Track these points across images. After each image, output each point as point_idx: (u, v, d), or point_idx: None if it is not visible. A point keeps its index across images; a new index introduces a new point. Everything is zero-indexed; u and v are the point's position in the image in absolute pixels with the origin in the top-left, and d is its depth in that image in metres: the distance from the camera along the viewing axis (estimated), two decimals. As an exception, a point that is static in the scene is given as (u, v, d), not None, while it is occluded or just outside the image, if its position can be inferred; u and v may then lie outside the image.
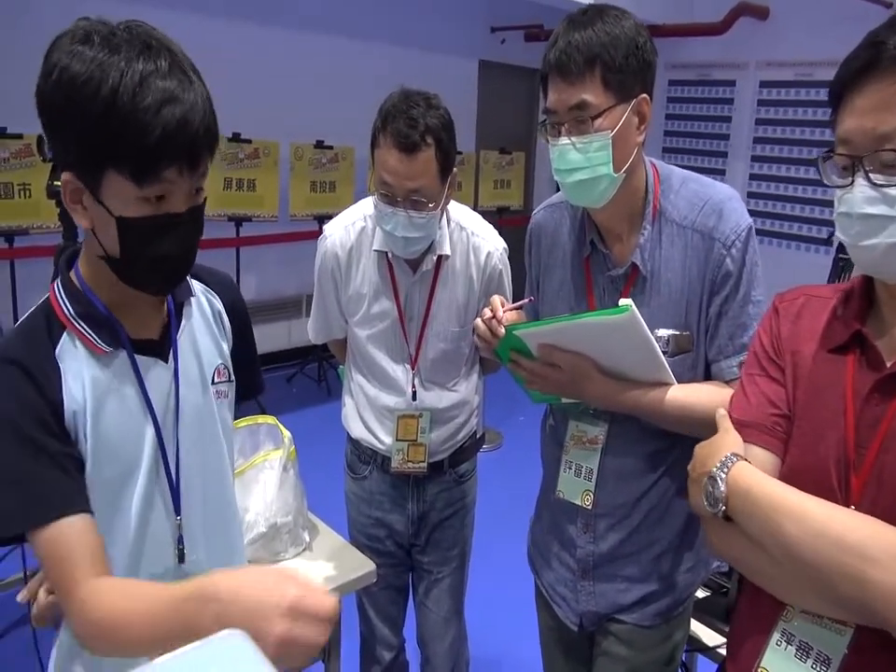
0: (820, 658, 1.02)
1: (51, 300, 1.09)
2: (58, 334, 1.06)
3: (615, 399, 1.43)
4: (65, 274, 1.11)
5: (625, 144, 1.35)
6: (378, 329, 1.93)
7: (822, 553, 0.94)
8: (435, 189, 1.74)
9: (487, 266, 1.93)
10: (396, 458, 1.97)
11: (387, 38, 5.99)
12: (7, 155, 4.10)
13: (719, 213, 1.40)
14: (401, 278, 1.89)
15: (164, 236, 1.02)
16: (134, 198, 0.98)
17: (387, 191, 1.73)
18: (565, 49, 1.30)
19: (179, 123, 0.94)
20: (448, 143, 1.74)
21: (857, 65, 0.97)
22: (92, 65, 0.92)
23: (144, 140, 0.93)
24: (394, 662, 2.22)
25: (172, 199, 1.00)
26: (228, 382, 1.25)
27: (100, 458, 1.07)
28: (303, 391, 5.69)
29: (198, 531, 1.18)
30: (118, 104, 0.92)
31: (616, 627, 1.58)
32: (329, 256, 1.94)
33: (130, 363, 1.10)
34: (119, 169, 0.96)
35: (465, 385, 2.02)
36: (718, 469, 1.05)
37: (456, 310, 1.92)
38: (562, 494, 1.56)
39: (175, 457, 1.14)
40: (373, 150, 1.77)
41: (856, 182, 0.98)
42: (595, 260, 1.50)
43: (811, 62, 6.31)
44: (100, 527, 1.06)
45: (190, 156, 0.98)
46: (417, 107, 1.70)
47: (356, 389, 2.03)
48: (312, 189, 5.55)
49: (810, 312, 1.15)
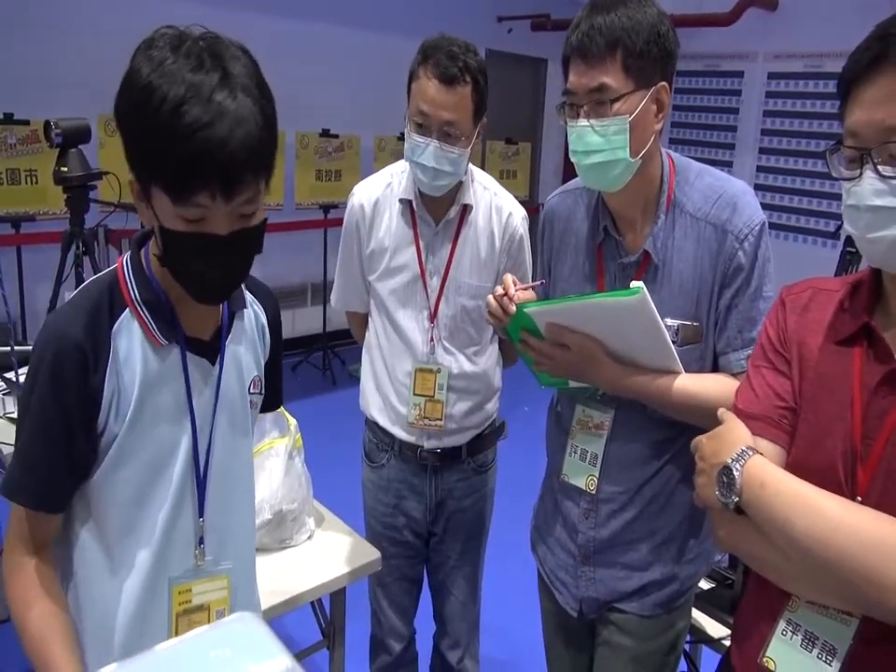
0: (826, 648, 1.02)
1: (119, 277, 1.10)
2: (119, 311, 1.07)
3: (622, 383, 1.43)
4: (136, 254, 1.12)
5: (643, 130, 1.36)
6: (398, 281, 1.95)
7: (835, 551, 0.94)
8: (467, 127, 1.80)
9: (509, 226, 1.95)
10: (413, 413, 1.96)
11: (394, 27, 5.96)
12: (14, 141, 4.11)
13: (733, 206, 1.40)
14: (423, 230, 1.92)
15: (202, 256, 1.01)
16: (173, 214, 0.98)
17: (423, 121, 1.78)
18: (587, 31, 1.31)
19: (212, 148, 0.91)
20: (483, 87, 1.80)
21: (866, 58, 0.97)
22: (153, 75, 0.92)
23: (175, 162, 0.92)
24: (404, 653, 2.23)
25: (211, 221, 0.98)
26: (259, 394, 1.27)
27: (135, 444, 1.08)
28: (308, 380, 5.69)
29: (216, 534, 1.20)
30: (160, 119, 0.91)
31: (617, 617, 1.59)
32: (354, 211, 1.98)
33: (181, 360, 1.12)
34: (157, 184, 0.96)
35: (484, 360, 2.01)
36: (734, 462, 1.05)
37: (478, 264, 1.94)
38: (566, 477, 1.57)
39: (205, 459, 1.16)
40: (410, 84, 1.81)
41: (864, 174, 0.98)
42: (608, 247, 1.50)
43: (820, 53, 6.28)
44: (127, 522, 1.11)
45: (225, 181, 0.94)
46: (458, 46, 1.77)
47: (375, 358, 2.03)
48: (317, 177, 5.55)
49: (817, 304, 1.15)
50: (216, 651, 0.44)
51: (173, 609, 1.16)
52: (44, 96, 4.16)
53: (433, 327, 1.94)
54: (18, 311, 4.15)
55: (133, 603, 1.13)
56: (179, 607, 1.16)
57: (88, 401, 1.04)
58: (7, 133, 4.08)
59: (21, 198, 4.19)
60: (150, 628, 1.15)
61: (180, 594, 1.16)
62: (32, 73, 4.19)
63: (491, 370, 2.04)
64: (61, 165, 2.79)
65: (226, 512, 1.21)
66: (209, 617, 1.20)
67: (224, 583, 1.20)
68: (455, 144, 1.78)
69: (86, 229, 2.95)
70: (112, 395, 1.05)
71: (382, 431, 2.04)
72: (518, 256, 1.97)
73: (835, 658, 1.01)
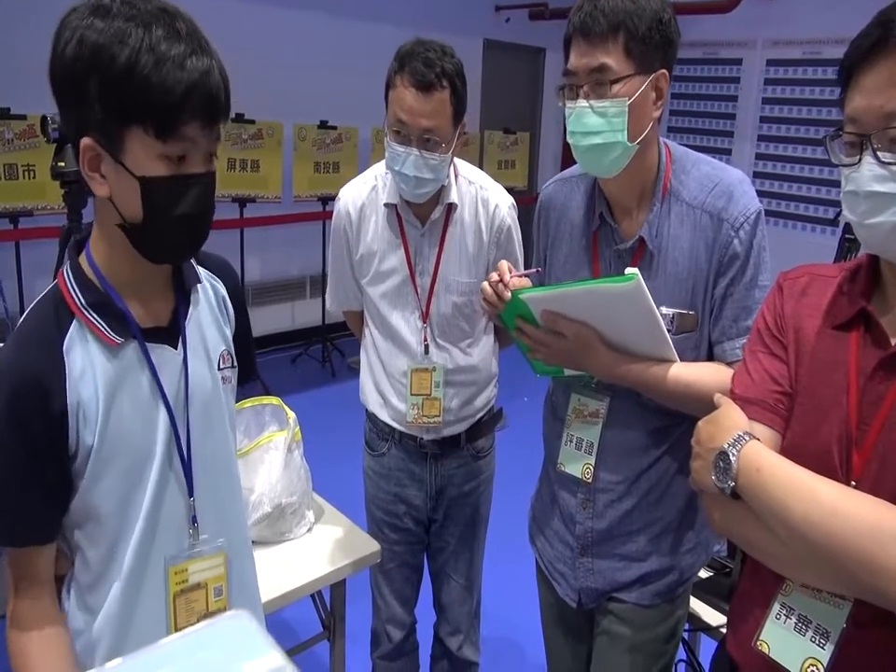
0: (819, 631, 1.03)
1: (61, 288, 1.09)
2: (66, 324, 1.07)
3: (617, 371, 1.43)
4: (75, 261, 1.11)
5: (641, 115, 1.36)
6: (389, 285, 1.95)
7: (831, 536, 0.94)
8: (447, 131, 1.78)
9: (496, 218, 1.94)
10: (411, 413, 1.98)
11: (391, 18, 5.94)
12: (12, 136, 4.10)
13: (729, 195, 1.40)
14: (410, 231, 1.92)
15: (186, 195, 1.03)
16: (156, 156, 0.99)
17: (401, 129, 1.77)
18: (590, 12, 1.32)
19: (201, 78, 0.97)
20: (462, 90, 1.79)
21: (865, 45, 0.97)
22: (111, 32, 0.95)
23: (168, 94, 0.96)
24: (405, 640, 2.24)
25: (191, 160, 1.02)
26: (231, 367, 1.26)
27: (113, 449, 1.08)
28: (307, 373, 5.70)
29: (209, 511, 1.20)
30: (140, 61, 0.95)
31: (615, 606, 1.59)
32: (341, 216, 1.98)
33: (141, 352, 1.11)
34: (143, 125, 0.97)
35: (478, 350, 2.02)
36: (730, 447, 1.05)
37: (467, 261, 1.94)
38: (562, 466, 1.57)
39: (186, 440, 1.16)
40: (388, 92, 1.80)
41: (863, 160, 0.98)
42: (604, 234, 1.50)
43: (819, 40, 6.26)
44: (115, 511, 1.10)
45: (210, 112, 1.00)
46: (434, 51, 1.75)
47: (371, 357, 2.05)
48: (315, 169, 5.54)
49: (814, 290, 1.15)
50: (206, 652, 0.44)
51: (170, 591, 1.16)
52: (41, 91, 4.13)
53: (426, 326, 1.95)
54: (16, 305, 4.15)
55: (124, 593, 1.13)
56: (176, 587, 1.16)
57: (54, 424, 1.04)
58: (5, 127, 4.06)
59: (18, 193, 4.18)
60: (142, 615, 1.15)
61: (176, 574, 1.16)
62: (28, 67, 4.15)
63: (486, 359, 2.05)
64: (58, 160, 2.77)
65: (215, 489, 1.21)
66: (207, 595, 1.20)
67: (220, 560, 1.21)
68: (435, 150, 1.77)
69: (84, 224, 2.95)
70: (77, 410, 1.05)
71: (382, 422, 2.05)
72: (507, 245, 1.97)
73: (828, 641, 1.02)
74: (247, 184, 5.19)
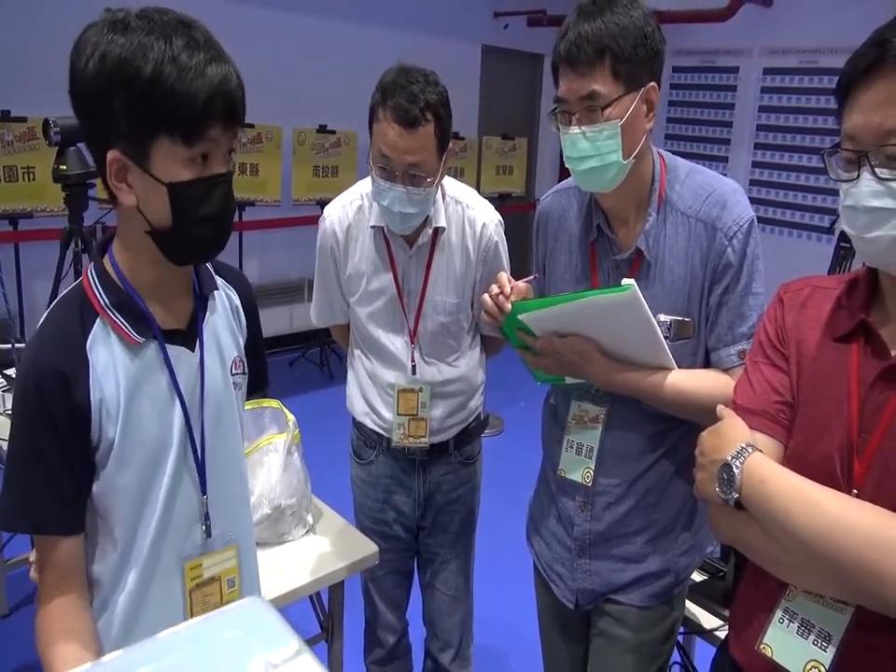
0: (822, 635, 1.05)
1: (85, 288, 1.12)
2: (90, 322, 1.10)
3: (616, 380, 1.45)
4: (99, 262, 1.14)
5: (634, 131, 1.38)
6: (377, 305, 1.95)
7: (834, 546, 0.96)
8: (433, 164, 1.77)
9: (483, 237, 1.94)
10: (397, 433, 1.99)
11: (390, 23, 5.96)
12: (12, 138, 4.10)
13: (723, 204, 1.42)
14: (398, 253, 1.92)
15: (212, 196, 1.07)
16: (182, 161, 1.03)
17: (386, 165, 1.75)
18: (575, 40, 1.32)
19: (221, 84, 1.02)
20: (446, 119, 1.77)
21: (863, 63, 0.99)
22: (133, 46, 0.98)
23: (192, 101, 0.99)
24: (397, 644, 2.26)
25: (213, 160, 1.06)
26: (242, 374, 1.30)
27: (133, 444, 1.11)
28: (305, 376, 5.71)
29: (220, 509, 1.23)
30: (164, 73, 0.98)
31: (612, 608, 1.61)
32: (328, 235, 1.97)
33: (161, 352, 1.14)
34: (169, 133, 1.00)
35: (465, 361, 2.03)
36: (734, 459, 1.07)
37: (454, 282, 1.94)
38: (563, 473, 1.59)
39: (200, 439, 1.19)
40: (372, 124, 1.78)
41: (861, 176, 1.00)
42: (601, 245, 1.52)
43: (815, 48, 6.28)
44: (131, 507, 1.13)
45: (231, 113, 1.04)
46: (417, 83, 1.71)
47: (358, 369, 2.06)
48: (314, 173, 5.55)
49: (815, 302, 1.17)
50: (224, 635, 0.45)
51: (186, 587, 1.20)
52: (40, 93, 4.14)
53: (414, 347, 1.96)
54: (16, 307, 4.15)
55: (138, 587, 1.15)
56: (192, 582, 1.20)
57: (78, 417, 1.07)
58: (5, 130, 4.07)
59: (18, 195, 4.19)
60: (158, 609, 1.18)
61: (192, 569, 1.20)
62: (29, 70, 4.18)
63: (472, 370, 2.05)
64: (60, 164, 2.79)
65: (225, 486, 1.25)
66: (221, 587, 1.24)
67: (233, 553, 1.26)
68: (420, 185, 1.75)
69: (84, 227, 2.96)
70: (99, 405, 1.08)
71: (370, 430, 2.06)
72: (494, 262, 1.96)
73: (830, 644, 1.04)
74: (246, 187, 5.20)
